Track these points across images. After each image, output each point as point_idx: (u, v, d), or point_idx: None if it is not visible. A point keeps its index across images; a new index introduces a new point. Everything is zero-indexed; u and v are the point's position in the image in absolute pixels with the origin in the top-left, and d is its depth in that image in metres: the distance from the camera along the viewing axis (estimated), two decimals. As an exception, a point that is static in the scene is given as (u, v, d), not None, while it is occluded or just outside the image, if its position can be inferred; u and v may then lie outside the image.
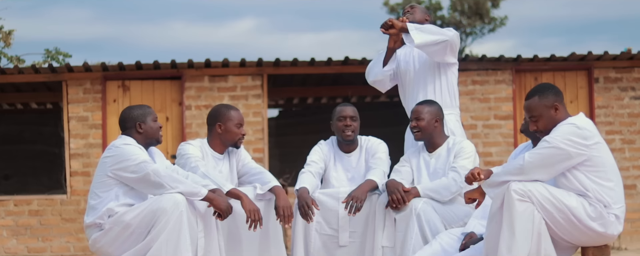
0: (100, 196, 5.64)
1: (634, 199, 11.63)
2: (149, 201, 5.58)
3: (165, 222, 5.45)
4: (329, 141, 6.61)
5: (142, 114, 5.80)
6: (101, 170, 5.68)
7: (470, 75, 11.59)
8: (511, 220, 4.95)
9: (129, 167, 5.56)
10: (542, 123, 5.17)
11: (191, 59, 11.28)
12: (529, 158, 5.01)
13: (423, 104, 6.30)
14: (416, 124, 6.23)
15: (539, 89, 5.22)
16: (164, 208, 5.46)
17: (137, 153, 5.60)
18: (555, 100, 5.18)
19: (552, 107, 5.17)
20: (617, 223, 5.07)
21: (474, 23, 31.04)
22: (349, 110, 6.45)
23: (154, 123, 5.83)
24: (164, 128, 11.42)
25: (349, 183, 6.43)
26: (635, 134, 11.67)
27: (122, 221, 5.55)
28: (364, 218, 6.17)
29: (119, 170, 5.60)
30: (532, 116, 5.20)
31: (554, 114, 5.16)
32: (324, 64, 11.47)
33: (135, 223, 5.52)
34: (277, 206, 5.90)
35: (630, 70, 11.69)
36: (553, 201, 4.99)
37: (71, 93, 11.46)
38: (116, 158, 5.61)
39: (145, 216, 5.51)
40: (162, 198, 5.51)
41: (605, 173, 5.07)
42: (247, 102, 11.53)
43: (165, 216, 5.45)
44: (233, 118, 6.19)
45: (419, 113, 6.23)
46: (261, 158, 11.48)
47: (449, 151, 6.25)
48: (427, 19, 6.71)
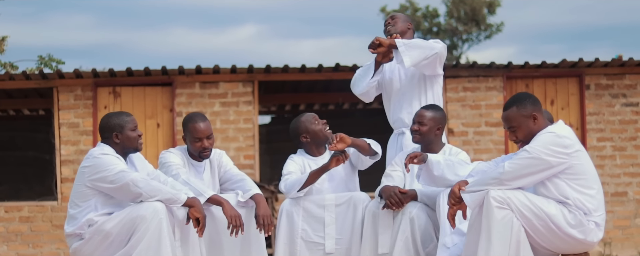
0: (79, 205, 5.64)
1: (625, 206, 11.62)
2: (128, 209, 5.57)
3: (144, 230, 5.44)
4: (297, 153, 6.60)
5: (119, 124, 5.72)
6: (80, 180, 5.66)
7: (461, 81, 11.60)
8: (489, 227, 4.95)
9: (107, 177, 5.55)
10: (521, 133, 5.17)
11: (182, 66, 11.28)
12: (509, 168, 5.00)
13: (428, 109, 6.25)
14: (418, 128, 6.19)
15: (517, 99, 5.22)
16: (143, 215, 5.46)
17: (115, 164, 5.57)
18: (534, 109, 5.17)
19: (530, 117, 5.17)
20: (597, 230, 5.06)
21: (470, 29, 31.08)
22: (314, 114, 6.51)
23: (132, 132, 5.75)
24: (154, 135, 11.42)
25: (329, 185, 6.40)
26: (626, 141, 11.67)
27: (102, 230, 5.55)
28: (350, 226, 6.17)
29: (96, 181, 5.58)
30: (511, 127, 5.19)
31: (532, 124, 5.16)
32: (314, 71, 11.47)
33: (115, 231, 5.52)
34: (257, 214, 5.88)
35: (621, 76, 11.70)
36: (532, 208, 4.98)
37: (62, 100, 11.46)
38: (94, 168, 5.59)
39: (124, 225, 5.50)
40: (141, 206, 5.51)
41: (586, 181, 5.06)
42: (237, 108, 11.53)
43: (145, 223, 5.45)
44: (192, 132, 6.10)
45: (423, 118, 6.19)
46: (252, 164, 11.48)
47: None
48: (410, 27, 6.69)
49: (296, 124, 6.48)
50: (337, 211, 6.21)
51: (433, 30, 31.19)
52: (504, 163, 5.04)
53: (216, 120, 11.44)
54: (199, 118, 6.11)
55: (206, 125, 6.10)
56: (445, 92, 11.55)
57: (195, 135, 6.07)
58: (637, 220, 11.61)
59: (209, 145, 6.12)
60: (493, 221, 4.94)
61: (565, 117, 11.63)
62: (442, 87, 6.77)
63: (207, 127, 6.11)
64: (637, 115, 11.70)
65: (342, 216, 6.20)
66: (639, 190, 11.65)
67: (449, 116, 11.51)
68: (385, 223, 6.02)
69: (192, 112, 6.33)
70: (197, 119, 6.11)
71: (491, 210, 4.95)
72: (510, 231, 4.95)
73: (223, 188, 6.27)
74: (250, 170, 11.42)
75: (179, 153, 6.21)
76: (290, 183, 6.25)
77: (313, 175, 6.22)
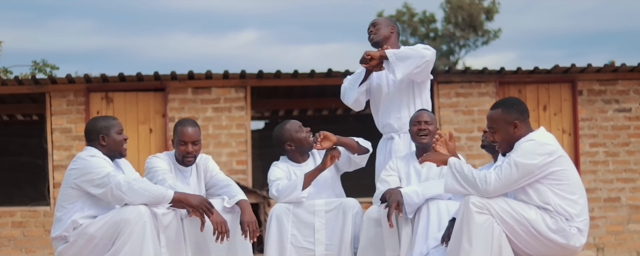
0: (65, 207, 5.66)
1: (618, 211, 11.62)
2: (112, 212, 5.59)
3: (129, 233, 5.46)
4: (281, 160, 6.60)
5: (106, 126, 5.76)
6: (66, 182, 5.69)
7: (454, 87, 11.60)
8: (470, 233, 4.95)
9: (94, 179, 5.57)
10: (499, 136, 5.18)
11: (174, 71, 11.28)
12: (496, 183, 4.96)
13: (426, 111, 6.29)
14: (425, 127, 6.18)
15: (506, 102, 5.24)
16: (127, 219, 5.48)
17: (102, 166, 5.60)
18: (518, 117, 5.18)
19: (511, 124, 5.17)
20: (580, 235, 5.06)
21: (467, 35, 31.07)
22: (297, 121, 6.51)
23: (118, 135, 5.79)
24: (147, 140, 11.42)
25: (314, 189, 6.40)
26: (619, 147, 11.67)
27: (86, 233, 5.56)
28: (340, 231, 6.18)
29: (83, 183, 5.60)
30: (491, 127, 5.21)
31: (512, 131, 5.17)
32: (306, 76, 11.47)
33: (99, 234, 5.54)
34: (242, 221, 5.88)
35: (614, 82, 11.70)
36: (512, 213, 4.99)
37: (54, 105, 11.46)
38: (81, 170, 5.61)
39: (109, 228, 5.52)
40: (126, 210, 5.53)
41: (569, 187, 5.07)
42: (230, 113, 11.53)
43: (129, 227, 5.47)
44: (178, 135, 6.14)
45: (426, 117, 6.19)
46: (244, 170, 11.47)
47: None
48: (392, 31, 6.67)
49: (280, 132, 6.48)
50: (327, 217, 6.23)
51: (430, 36, 31.20)
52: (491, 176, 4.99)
53: (209, 126, 11.43)
54: (188, 123, 6.15)
55: (194, 130, 6.13)
56: (438, 98, 11.55)
57: (181, 138, 6.10)
58: (630, 226, 11.61)
59: (193, 151, 6.14)
60: (474, 226, 4.95)
61: (558, 122, 11.63)
62: (434, 92, 6.79)
63: (195, 132, 6.13)
64: (629, 121, 11.70)
65: (332, 222, 6.22)
66: (632, 195, 11.64)
67: (442, 121, 11.51)
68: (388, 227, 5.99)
69: (185, 118, 6.35)
70: (187, 124, 6.14)
71: (471, 216, 4.95)
72: (492, 237, 4.95)
73: (209, 193, 6.27)
74: (242, 175, 11.42)
75: (165, 158, 6.22)
76: (283, 187, 6.24)
77: (308, 177, 6.24)
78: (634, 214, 11.62)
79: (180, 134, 6.11)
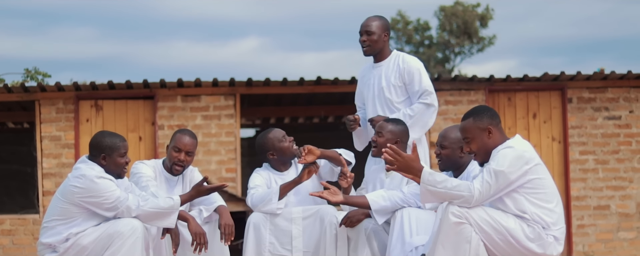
0: (58, 220, 5.59)
1: (608, 220, 11.62)
2: (105, 224, 5.57)
3: (120, 246, 5.48)
4: (264, 167, 6.59)
5: (110, 147, 5.62)
6: (67, 198, 5.57)
7: (443, 95, 11.60)
8: (448, 242, 4.95)
9: (103, 204, 5.53)
10: (474, 145, 5.17)
11: (163, 79, 11.29)
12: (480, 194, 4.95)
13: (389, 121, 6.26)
14: (376, 139, 6.19)
15: (475, 111, 5.23)
16: (121, 232, 5.49)
17: (112, 190, 5.53)
18: (490, 123, 5.17)
19: (485, 130, 5.16)
20: (557, 243, 5.06)
21: (462, 42, 31.09)
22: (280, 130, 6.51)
23: (121, 159, 5.67)
24: (136, 148, 11.41)
25: (295, 198, 6.39)
26: (609, 154, 11.67)
27: (78, 244, 5.55)
28: (317, 238, 6.17)
29: (91, 205, 5.55)
30: (466, 137, 5.21)
31: (487, 138, 5.16)
32: (296, 84, 11.48)
33: (91, 246, 5.54)
34: (220, 224, 5.90)
35: (603, 90, 11.71)
36: (491, 222, 4.98)
37: (44, 113, 11.45)
38: (88, 192, 5.53)
39: (101, 240, 5.53)
40: (119, 222, 5.53)
41: (545, 195, 5.06)
42: (219, 121, 11.53)
43: (121, 239, 5.48)
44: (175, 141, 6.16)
45: (381, 128, 6.20)
46: (234, 178, 11.47)
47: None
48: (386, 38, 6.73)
49: (263, 140, 6.47)
50: (304, 224, 6.22)
51: (425, 43, 31.23)
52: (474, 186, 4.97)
53: (198, 134, 11.43)
54: (188, 133, 6.21)
55: (192, 141, 6.18)
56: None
57: (177, 145, 6.14)
58: (619, 234, 11.61)
59: (185, 160, 6.16)
60: (452, 235, 4.95)
61: (548, 130, 11.63)
62: None
63: (192, 143, 6.18)
64: (619, 129, 11.70)
65: (309, 229, 6.21)
66: (621, 203, 11.64)
67: (431, 129, 11.50)
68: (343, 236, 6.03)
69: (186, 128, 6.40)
70: (186, 133, 6.21)
71: (450, 224, 4.95)
72: (469, 245, 4.94)
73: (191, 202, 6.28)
74: (232, 183, 11.42)
75: (152, 165, 6.24)
76: (257, 197, 6.24)
77: (284, 188, 6.22)
78: (624, 222, 11.62)
79: (177, 140, 6.15)
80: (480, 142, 5.16)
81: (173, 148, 6.14)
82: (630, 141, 11.71)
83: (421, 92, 6.66)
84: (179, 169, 6.18)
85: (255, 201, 6.24)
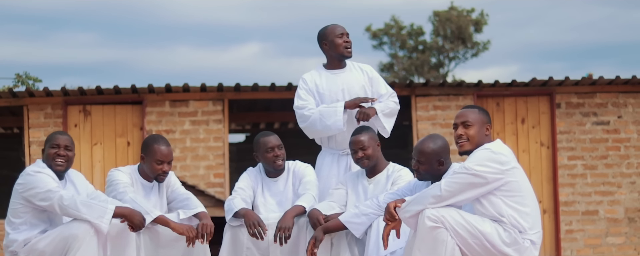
0: (13, 222, 5.74)
1: (596, 225, 11.62)
2: (59, 228, 5.67)
3: (77, 248, 5.53)
4: (257, 168, 6.58)
5: (47, 140, 5.89)
6: (15, 197, 5.76)
7: (432, 100, 11.61)
8: (424, 246, 4.96)
9: (38, 194, 5.65)
10: (472, 130, 5.23)
11: (151, 84, 11.29)
12: (446, 186, 5.01)
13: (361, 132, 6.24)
14: (363, 154, 6.19)
15: (479, 107, 5.33)
16: (75, 234, 5.55)
17: (46, 181, 5.66)
18: (489, 123, 5.26)
19: (485, 125, 5.24)
20: (533, 248, 5.06)
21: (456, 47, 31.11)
22: (274, 140, 6.39)
23: (51, 150, 5.83)
24: (124, 153, 11.40)
25: (278, 208, 6.41)
26: (597, 159, 11.68)
27: (35, 249, 5.64)
28: (293, 243, 6.16)
29: (29, 197, 5.68)
30: (467, 121, 5.22)
31: (484, 132, 5.24)
32: (284, 89, 11.48)
33: (48, 250, 5.62)
34: (198, 225, 5.90)
35: (592, 95, 11.72)
36: (467, 226, 4.99)
37: (32, 118, 11.45)
38: (26, 185, 5.70)
39: (57, 244, 5.60)
40: (72, 225, 5.60)
41: (522, 198, 5.07)
42: (208, 127, 11.53)
43: (77, 242, 5.53)
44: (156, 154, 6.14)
45: (362, 144, 6.18)
46: (222, 183, 11.46)
47: (387, 178, 6.23)
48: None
49: (255, 142, 6.49)
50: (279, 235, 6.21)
51: (419, 49, 31.25)
52: (441, 182, 5.05)
53: (186, 139, 11.43)
54: (163, 142, 6.15)
55: (169, 150, 6.18)
56: (416, 111, 11.56)
57: (158, 157, 6.10)
58: (608, 239, 11.61)
59: (168, 169, 6.19)
60: (428, 239, 4.95)
61: (536, 135, 11.64)
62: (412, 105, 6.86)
63: (170, 152, 6.18)
64: (608, 134, 11.71)
65: None
66: (609, 208, 11.64)
67: (419, 135, 11.52)
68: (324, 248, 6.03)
69: (155, 134, 6.35)
70: (162, 142, 6.14)
71: (425, 229, 4.96)
72: (445, 249, 4.95)
73: (170, 207, 6.31)
74: (220, 188, 11.41)
75: (128, 171, 6.24)
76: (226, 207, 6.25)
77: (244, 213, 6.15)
78: (612, 227, 11.63)
79: (157, 153, 6.10)
80: (479, 132, 5.20)
81: (155, 161, 6.10)
82: (619, 146, 11.72)
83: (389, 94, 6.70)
84: (163, 178, 6.21)
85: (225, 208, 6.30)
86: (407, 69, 30.35)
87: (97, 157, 11.33)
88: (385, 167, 6.28)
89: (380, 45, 31.34)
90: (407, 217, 5.08)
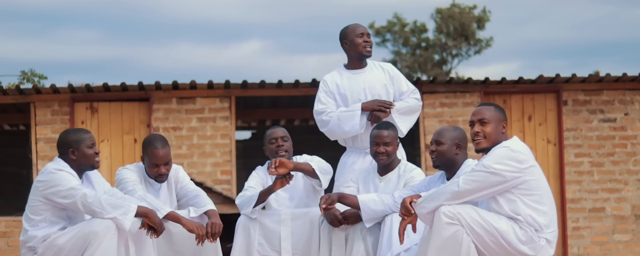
0: (32, 219, 5.69)
1: (603, 222, 11.62)
2: (80, 224, 5.63)
3: (97, 245, 5.50)
4: (265, 166, 6.60)
5: (76, 140, 5.74)
6: (34, 194, 5.70)
7: (438, 97, 11.60)
8: (440, 243, 4.96)
9: (60, 192, 5.59)
10: (489, 128, 5.22)
11: (158, 81, 11.28)
12: (464, 183, 5.00)
13: (385, 128, 6.25)
14: (384, 150, 6.17)
15: (496, 105, 5.33)
16: (96, 231, 5.51)
17: (67, 179, 5.61)
18: (505, 120, 5.27)
19: (501, 123, 5.24)
20: (548, 247, 5.06)
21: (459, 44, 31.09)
22: (279, 131, 6.46)
23: (89, 149, 5.75)
24: (131, 150, 11.41)
25: (290, 202, 6.42)
26: (604, 157, 11.68)
27: (55, 245, 5.60)
28: (307, 240, 6.18)
29: (50, 195, 5.63)
30: (483, 119, 5.22)
31: (501, 129, 5.24)
32: (291, 86, 11.48)
33: (68, 246, 5.57)
34: (207, 223, 5.89)
35: (598, 92, 11.71)
36: (483, 224, 4.99)
37: (39, 115, 11.45)
38: (47, 183, 5.63)
39: (77, 240, 5.56)
40: (94, 222, 5.57)
41: (539, 197, 5.07)
42: (215, 124, 11.52)
43: (97, 239, 5.50)
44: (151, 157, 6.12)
45: (386, 139, 6.18)
46: (229, 180, 11.46)
47: (399, 177, 6.22)
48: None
49: (264, 136, 6.53)
50: (294, 225, 6.23)
51: (422, 46, 31.22)
52: (459, 178, 5.05)
53: (193, 136, 11.43)
54: (159, 144, 6.12)
55: (165, 151, 6.12)
56: (422, 108, 11.53)
57: (153, 161, 6.11)
58: (614, 236, 11.61)
59: (166, 171, 6.16)
60: (443, 236, 4.95)
61: (543, 132, 11.64)
62: None
63: (166, 153, 6.12)
64: (614, 131, 11.71)
65: (299, 231, 6.22)
66: (616, 205, 11.64)
67: (426, 132, 11.52)
68: (339, 242, 6.03)
69: (153, 134, 6.33)
70: (157, 144, 6.11)
71: (441, 226, 4.96)
72: (460, 247, 4.95)
73: (180, 204, 6.31)
74: (227, 185, 11.41)
75: (136, 169, 6.25)
76: (243, 201, 6.27)
77: (262, 194, 6.24)
78: (619, 224, 11.63)
79: (151, 156, 6.10)
80: (495, 128, 5.20)
81: (150, 164, 6.12)
82: (626, 143, 11.71)
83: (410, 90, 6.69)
84: (162, 179, 6.21)
85: (239, 204, 6.31)
86: (410, 66, 30.33)
87: (104, 154, 11.33)
88: (397, 165, 6.28)
89: (383, 42, 31.33)
90: (424, 214, 5.09)
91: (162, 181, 6.18)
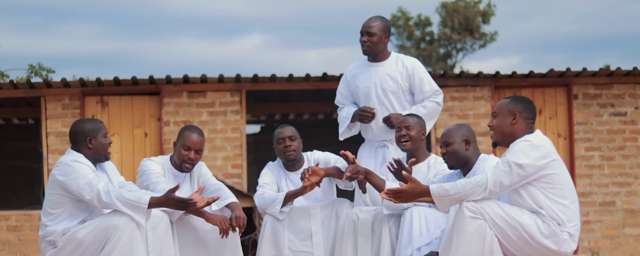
0: (51, 213, 5.67)
1: (614, 216, 11.62)
2: (101, 218, 5.61)
3: (117, 238, 5.49)
4: (276, 162, 6.61)
5: (93, 129, 5.74)
6: (51, 188, 5.69)
7: (449, 91, 11.59)
8: (463, 237, 4.96)
9: (78, 185, 5.56)
10: (496, 121, 5.25)
11: (169, 75, 11.28)
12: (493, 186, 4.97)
13: (410, 116, 6.30)
14: (406, 133, 6.19)
15: (515, 97, 5.35)
16: (116, 224, 5.50)
17: (85, 172, 5.61)
18: (520, 112, 5.24)
19: (512, 114, 5.23)
20: (571, 241, 5.06)
21: (464, 39, 31.05)
22: (287, 131, 6.47)
23: (104, 139, 5.78)
24: (142, 144, 11.42)
25: (303, 199, 6.43)
26: (614, 150, 11.67)
27: (75, 238, 5.58)
28: (334, 231, 6.23)
29: (67, 188, 5.61)
30: (494, 112, 5.29)
31: (509, 122, 5.22)
32: (302, 80, 11.48)
33: (88, 239, 5.55)
34: (232, 217, 5.91)
35: (609, 86, 11.71)
36: (506, 218, 4.99)
37: (49, 109, 11.45)
38: (64, 175, 5.61)
39: (98, 233, 5.54)
40: (114, 215, 5.55)
41: (561, 191, 5.07)
42: (225, 117, 11.53)
43: (118, 232, 5.49)
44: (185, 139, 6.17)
45: (408, 123, 6.21)
46: (239, 174, 11.47)
47: (429, 168, 6.23)
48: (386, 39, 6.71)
49: (273, 135, 6.54)
50: (323, 219, 6.27)
51: (426, 39, 31.21)
52: (486, 175, 5.02)
53: (204, 130, 11.41)
54: (195, 131, 6.22)
55: (200, 139, 6.20)
56: (433, 102, 11.52)
57: (186, 143, 6.16)
58: (625, 230, 11.61)
59: (195, 158, 6.20)
60: (467, 231, 4.96)
61: (554, 126, 11.63)
62: None
63: (200, 141, 6.21)
64: (625, 125, 11.70)
65: (327, 223, 6.27)
66: (627, 199, 11.64)
67: (437, 125, 11.51)
68: (365, 232, 6.04)
69: (193, 125, 6.41)
70: (194, 130, 6.21)
71: (464, 220, 4.96)
72: (484, 241, 4.96)
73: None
74: (237, 179, 11.42)
75: (160, 162, 6.27)
76: (265, 200, 6.29)
77: (289, 196, 6.27)
78: (629, 218, 11.63)
79: (186, 139, 6.16)
80: (503, 121, 5.21)
81: (182, 146, 6.16)
82: (636, 137, 11.71)
83: (432, 91, 6.69)
84: (188, 166, 6.22)
85: (260, 203, 6.33)
86: (414, 60, 30.33)
87: (115, 147, 11.33)
88: (426, 157, 6.30)
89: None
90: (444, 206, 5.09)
91: (187, 169, 6.20)
